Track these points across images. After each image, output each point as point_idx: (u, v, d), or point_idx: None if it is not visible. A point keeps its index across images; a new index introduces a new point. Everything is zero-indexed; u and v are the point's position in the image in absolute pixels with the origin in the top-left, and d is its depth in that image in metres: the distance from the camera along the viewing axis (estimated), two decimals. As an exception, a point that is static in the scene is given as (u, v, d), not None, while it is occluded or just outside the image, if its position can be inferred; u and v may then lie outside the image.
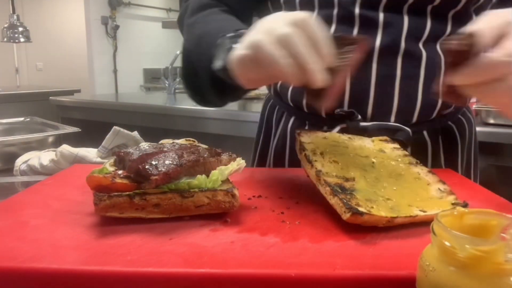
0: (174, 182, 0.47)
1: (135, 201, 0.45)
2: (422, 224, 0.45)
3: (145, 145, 0.53)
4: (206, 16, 0.74)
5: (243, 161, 0.53)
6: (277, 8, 0.78)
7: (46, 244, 0.41)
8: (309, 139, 0.58)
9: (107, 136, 0.93)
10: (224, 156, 0.52)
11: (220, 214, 0.49)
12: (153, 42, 5.16)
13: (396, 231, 0.45)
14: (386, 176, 0.54)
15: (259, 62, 0.48)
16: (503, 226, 0.30)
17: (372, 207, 0.45)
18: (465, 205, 0.49)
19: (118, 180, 0.46)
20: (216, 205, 0.48)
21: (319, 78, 0.46)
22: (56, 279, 0.37)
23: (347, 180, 0.50)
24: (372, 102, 0.71)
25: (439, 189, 0.52)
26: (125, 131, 0.93)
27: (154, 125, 2.28)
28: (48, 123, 1.56)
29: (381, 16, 0.69)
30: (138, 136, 0.95)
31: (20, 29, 3.17)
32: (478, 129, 1.72)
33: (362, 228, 0.45)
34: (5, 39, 3.17)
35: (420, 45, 0.70)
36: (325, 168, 0.52)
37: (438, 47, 0.70)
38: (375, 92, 0.70)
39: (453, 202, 0.49)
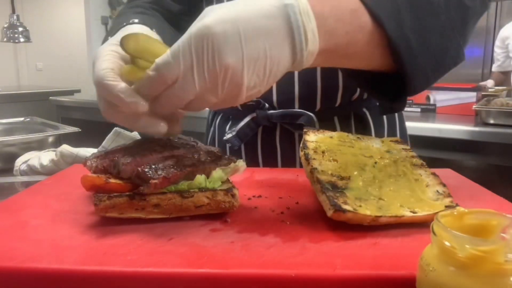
0: (173, 185, 0.47)
1: (135, 202, 0.45)
2: (422, 224, 0.45)
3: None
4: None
5: (244, 163, 0.53)
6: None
7: (46, 244, 0.41)
8: (314, 137, 0.58)
9: (108, 137, 0.93)
10: (225, 161, 0.52)
11: (220, 214, 0.49)
12: (153, 42, 5.14)
13: (396, 231, 0.45)
14: (385, 176, 0.54)
15: None
16: (503, 226, 0.30)
17: (360, 206, 0.46)
18: None
19: (112, 181, 0.46)
20: (216, 205, 0.48)
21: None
22: (56, 279, 0.37)
23: (342, 178, 0.50)
24: (275, 91, 0.76)
25: (437, 191, 0.52)
26: (126, 132, 0.93)
27: (154, 125, 2.27)
28: (48, 123, 1.56)
29: None
30: (139, 136, 0.95)
31: (20, 29, 3.17)
32: (478, 129, 1.71)
33: (362, 228, 0.45)
34: (5, 39, 3.17)
35: None
36: (322, 166, 0.52)
37: None
38: (277, 82, 0.73)
39: (446, 204, 0.49)
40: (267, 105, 0.76)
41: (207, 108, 0.49)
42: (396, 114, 0.87)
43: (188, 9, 0.85)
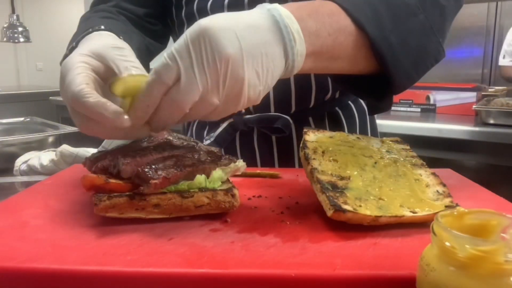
0: (173, 185, 0.47)
1: (135, 202, 0.45)
2: (422, 224, 0.45)
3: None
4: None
5: (244, 163, 0.53)
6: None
7: (46, 244, 0.41)
8: (314, 137, 0.58)
9: (107, 136, 0.93)
10: (225, 160, 0.52)
11: (220, 214, 0.49)
12: (153, 42, 5.14)
13: (396, 231, 0.45)
14: (385, 176, 0.54)
15: None
16: (503, 226, 0.30)
17: (360, 206, 0.46)
18: None
19: (112, 181, 0.46)
20: (216, 205, 0.48)
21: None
22: (56, 279, 0.37)
23: (342, 178, 0.50)
24: None
25: (437, 191, 0.52)
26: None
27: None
28: (48, 123, 1.56)
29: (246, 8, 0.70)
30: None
31: (20, 29, 3.17)
32: (478, 129, 1.71)
33: (362, 228, 0.45)
34: (5, 39, 3.17)
35: None
36: (322, 166, 0.52)
37: None
38: None
39: (446, 205, 0.49)
40: (243, 110, 0.77)
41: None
42: (365, 109, 0.88)
43: (154, 12, 0.84)
